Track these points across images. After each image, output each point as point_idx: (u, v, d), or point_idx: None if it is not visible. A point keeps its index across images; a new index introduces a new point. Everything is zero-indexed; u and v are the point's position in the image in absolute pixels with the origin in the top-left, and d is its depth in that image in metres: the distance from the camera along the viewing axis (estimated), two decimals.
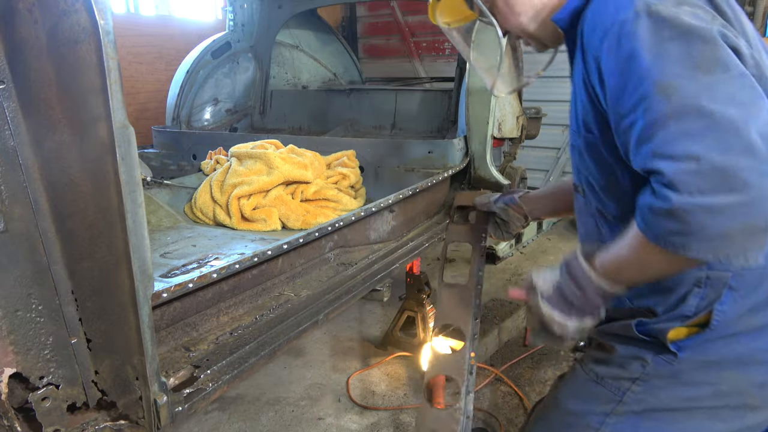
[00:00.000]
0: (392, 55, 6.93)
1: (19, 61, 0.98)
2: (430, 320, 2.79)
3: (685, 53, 0.95)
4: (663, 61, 0.95)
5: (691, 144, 0.91)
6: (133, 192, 0.99)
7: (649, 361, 1.18)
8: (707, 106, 0.92)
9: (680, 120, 0.93)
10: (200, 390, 1.27)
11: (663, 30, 0.96)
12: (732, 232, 0.91)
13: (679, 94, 0.94)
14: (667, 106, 0.94)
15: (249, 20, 4.03)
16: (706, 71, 0.94)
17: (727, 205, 0.90)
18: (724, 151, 0.90)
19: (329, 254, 2.02)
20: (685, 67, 0.94)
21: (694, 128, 0.92)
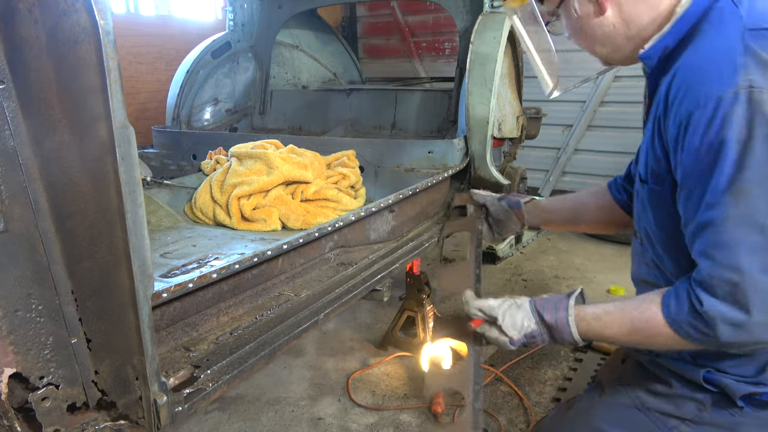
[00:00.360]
0: (392, 55, 6.93)
1: (19, 61, 0.98)
2: (430, 320, 2.79)
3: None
4: (747, 161, 0.92)
5: (739, 256, 0.92)
6: (133, 192, 0.99)
7: (707, 407, 1.13)
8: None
9: (738, 229, 0.93)
10: (200, 390, 1.27)
11: (758, 126, 0.91)
12: (748, 344, 0.97)
13: (748, 203, 0.92)
14: (732, 210, 0.93)
15: (249, 20, 4.03)
16: None
17: (753, 324, 0.93)
18: (765, 272, 0.91)
19: (329, 254, 2.02)
20: (764, 176, 0.92)
21: (748, 242, 0.92)
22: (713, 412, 1.13)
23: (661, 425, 1.17)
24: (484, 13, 3.05)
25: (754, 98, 0.91)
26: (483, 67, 2.89)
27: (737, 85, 0.92)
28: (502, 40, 2.91)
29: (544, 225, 1.76)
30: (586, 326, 1.15)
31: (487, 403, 2.40)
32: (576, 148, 5.81)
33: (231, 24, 3.98)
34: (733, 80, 0.93)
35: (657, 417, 1.19)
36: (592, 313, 1.16)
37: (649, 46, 1.13)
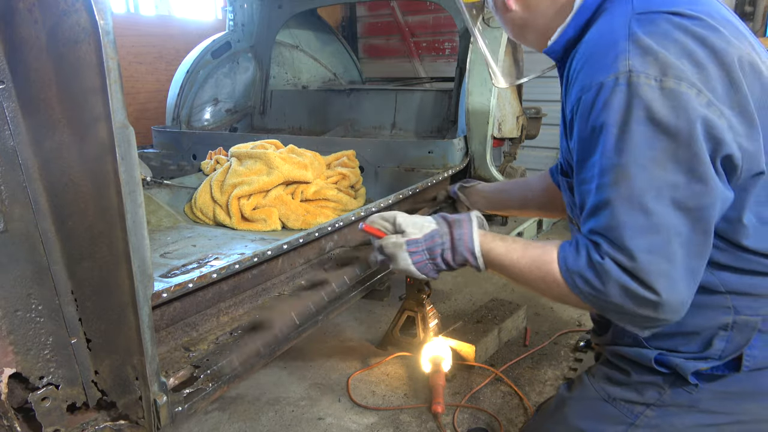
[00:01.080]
0: (392, 55, 6.93)
1: (19, 61, 0.98)
2: (430, 320, 2.79)
3: (648, 142, 0.94)
4: (625, 144, 0.95)
5: (627, 239, 0.96)
6: (133, 192, 0.99)
7: (666, 389, 1.16)
8: (650, 205, 0.95)
9: (623, 211, 0.97)
10: (200, 390, 1.27)
11: (635, 108, 0.94)
12: (635, 313, 1.00)
13: (629, 183, 0.95)
14: (616, 192, 0.97)
15: (249, 20, 4.03)
16: (662, 169, 0.94)
17: (639, 296, 0.97)
18: (651, 252, 0.95)
19: (329, 254, 2.02)
20: (643, 157, 0.95)
21: (634, 224, 0.96)
22: (672, 393, 1.15)
23: (628, 413, 1.20)
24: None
25: (632, 82, 0.93)
26: (483, 68, 2.89)
27: (618, 70, 0.95)
28: (502, 40, 2.91)
29: (492, 209, 1.83)
30: (489, 242, 1.20)
31: (487, 403, 2.40)
32: None
33: (231, 24, 3.98)
34: (615, 65, 0.96)
35: (623, 406, 1.21)
36: (498, 235, 1.22)
37: (552, 41, 1.18)
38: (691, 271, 0.98)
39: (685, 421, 1.15)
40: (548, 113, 3.99)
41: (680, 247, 0.96)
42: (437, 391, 2.37)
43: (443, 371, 2.48)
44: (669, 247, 0.96)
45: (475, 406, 2.36)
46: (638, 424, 1.19)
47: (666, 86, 0.93)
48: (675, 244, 0.96)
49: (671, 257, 0.96)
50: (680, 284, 0.97)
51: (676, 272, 0.96)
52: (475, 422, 2.27)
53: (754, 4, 4.44)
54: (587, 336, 2.84)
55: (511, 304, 3.09)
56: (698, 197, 0.95)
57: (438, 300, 3.47)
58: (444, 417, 2.29)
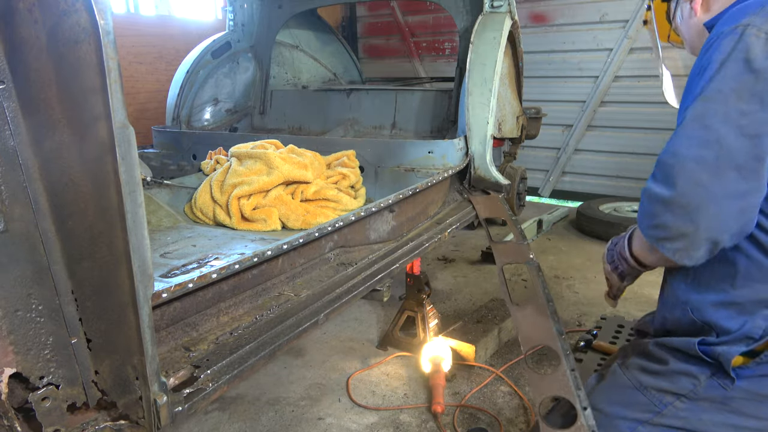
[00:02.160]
0: (392, 55, 6.93)
1: (19, 61, 0.98)
2: (430, 320, 2.79)
3: (736, 76, 1.08)
4: (718, 75, 1.09)
5: (681, 144, 1.11)
6: (133, 192, 0.99)
7: (702, 381, 1.18)
8: (715, 126, 1.08)
9: (691, 124, 1.10)
10: (200, 390, 1.27)
11: (737, 50, 1.08)
12: (659, 224, 1.13)
13: (706, 106, 1.09)
14: (693, 111, 1.11)
15: (249, 20, 4.03)
16: (738, 98, 1.07)
17: (675, 198, 1.08)
18: (697, 162, 1.07)
19: (329, 254, 2.02)
20: (727, 87, 1.08)
21: (693, 135, 1.09)
22: (707, 386, 1.17)
23: (657, 402, 1.22)
24: (484, 13, 3.05)
25: (745, 32, 1.09)
26: (483, 67, 2.89)
27: (739, 22, 1.10)
28: (502, 40, 2.91)
29: None
30: (636, 240, 1.37)
31: (487, 403, 2.40)
32: (576, 148, 5.81)
33: (231, 24, 3.98)
34: (739, 19, 1.11)
35: (653, 395, 1.23)
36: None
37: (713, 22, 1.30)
38: (738, 191, 1.07)
39: (715, 419, 1.16)
40: (548, 113, 4.00)
41: (730, 166, 1.06)
42: (437, 391, 2.37)
43: (443, 371, 2.48)
44: (717, 161, 1.06)
45: (475, 406, 2.37)
46: (665, 413, 1.20)
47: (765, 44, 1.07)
48: (724, 161, 1.06)
49: (717, 171, 1.06)
50: (721, 198, 1.06)
51: (718, 186, 1.06)
52: (475, 422, 2.28)
53: None
54: (587, 336, 2.84)
55: None
56: (763, 124, 1.06)
57: (438, 300, 3.47)
58: (444, 417, 2.29)
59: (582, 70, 5.60)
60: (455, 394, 2.47)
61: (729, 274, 1.16)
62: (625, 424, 1.24)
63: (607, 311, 3.23)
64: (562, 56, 5.68)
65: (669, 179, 1.09)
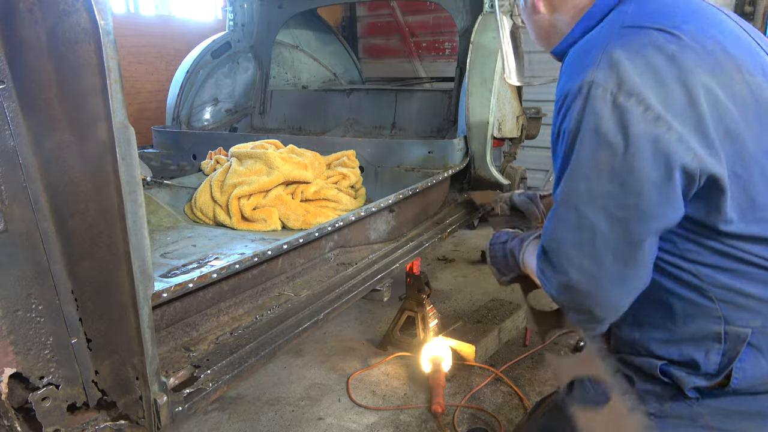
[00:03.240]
0: (392, 55, 6.93)
1: (19, 61, 0.98)
2: (430, 320, 2.79)
3: (591, 152, 1.01)
4: (574, 152, 1.03)
5: (558, 230, 1.08)
6: (133, 192, 0.99)
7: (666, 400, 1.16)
8: (582, 209, 1.04)
9: (561, 208, 1.07)
10: (200, 390, 1.27)
11: (586, 119, 1.00)
12: (559, 302, 1.14)
13: (570, 186, 1.05)
14: (561, 194, 1.08)
15: (249, 20, 4.03)
16: (598, 178, 1.01)
17: (562, 282, 1.09)
18: (576, 247, 1.05)
19: (329, 254, 2.02)
20: (585, 166, 1.02)
21: (566, 219, 1.06)
22: (672, 404, 1.15)
23: None
24: (484, 13, 3.05)
25: (591, 93, 0.98)
26: (483, 67, 2.89)
27: (584, 79, 1.00)
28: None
29: None
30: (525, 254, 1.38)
31: (487, 403, 2.40)
32: None
33: (231, 24, 3.98)
34: (583, 74, 1.01)
35: None
36: (531, 246, 1.39)
37: (558, 43, 1.23)
38: (619, 276, 1.04)
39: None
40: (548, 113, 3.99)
41: (606, 251, 1.03)
42: (437, 391, 2.37)
43: (443, 371, 2.48)
44: (593, 246, 1.03)
45: (475, 406, 2.37)
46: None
47: (617, 101, 0.97)
48: (600, 246, 1.03)
49: (595, 257, 1.04)
50: (605, 283, 1.05)
51: (600, 272, 1.04)
52: (475, 422, 2.28)
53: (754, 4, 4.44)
54: None
55: (511, 304, 3.09)
56: (628, 209, 1.00)
57: (438, 300, 3.47)
58: (444, 417, 2.29)
59: None
60: (455, 394, 2.47)
61: (667, 314, 1.12)
62: None
63: None
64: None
65: (559, 266, 1.08)
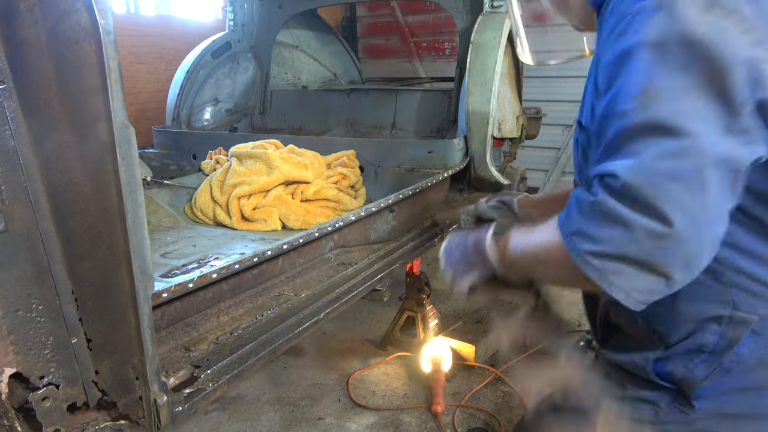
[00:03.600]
0: (392, 55, 6.93)
1: (19, 61, 0.98)
2: (430, 320, 2.79)
3: (685, 67, 0.84)
4: (658, 68, 0.85)
5: (650, 161, 0.84)
6: (134, 192, 0.99)
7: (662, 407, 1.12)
8: (688, 127, 0.83)
9: (650, 136, 0.85)
10: (200, 390, 1.27)
11: (674, 32, 0.84)
12: (628, 258, 0.87)
13: (659, 107, 0.85)
14: (642, 116, 0.86)
15: (249, 20, 4.03)
16: (698, 95, 0.84)
17: (639, 227, 0.84)
18: (678, 180, 0.83)
19: (329, 254, 2.02)
20: (678, 82, 0.85)
21: (658, 146, 0.84)
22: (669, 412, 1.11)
23: None
24: (484, 13, 3.05)
25: (677, 7, 0.85)
26: (483, 67, 2.89)
27: None
28: (502, 40, 2.91)
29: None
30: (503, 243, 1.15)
31: (487, 403, 2.40)
32: None
33: (231, 24, 3.98)
34: None
35: None
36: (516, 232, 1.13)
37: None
38: (718, 217, 0.86)
39: None
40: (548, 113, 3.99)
41: (711, 181, 0.83)
42: (437, 391, 2.37)
43: (443, 371, 2.49)
44: (700, 175, 0.83)
45: (475, 406, 2.37)
46: None
47: (715, 7, 0.84)
48: (707, 172, 0.83)
49: (698, 190, 0.83)
50: (705, 228, 0.84)
51: (703, 212, 0.84)
52: (475, 422, 2.28)
53: None
54: (587, 336, 2.84)
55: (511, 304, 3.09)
56: (731, 131, 0.84)
57: (438, 300, 3.47)
58: (444, 417, 2.29)
59: (582, 70, 5.59)
60: (455, 394, 2.47)
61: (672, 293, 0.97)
62: None
63: None
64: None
65: (652, 206, 0.83)
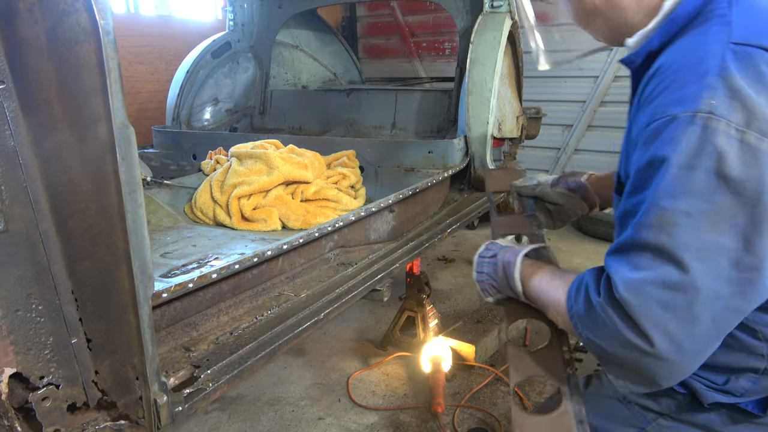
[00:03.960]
0: (392, 55, 6.93)
1: (19, 61, 0.98)
2: (430, 320, 2.79)
3: (708, 194, 0.83)
4: (682, 189, 0.85)
5: (646, 286, 0.87)
6: (133, 192, 0.99)
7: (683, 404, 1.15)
8: (688, 264, 0.84)
9: (655, 258, 0.87)
10: (200, 390, 1.27)
11: (705, 154, 0.83)
12: (618, 357, 0.93)
13: (671, 233, 0.86)
14: (654, 237, 0.87)
15: (249, 20, 4.03)
16: (713, 229, 0.84)
17: (626, 340, 0.89)
18: (665, 308, 0.86)
19: (329, 254, 2.02)
20: (698, 209, 0.84)
21: (657, 271, 0.87)
22: (688, 409, 1.15)
23: (641, 418, 1.20)
24: (484, 13, 3.05)
25: (710, 126, 0.83)
26: (483, 67, 2.89)
27: (697, 108, 0.84)
28: (502, 40, 2.91)
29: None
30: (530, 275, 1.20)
31: (487, 403, 2.40)
32: (576, 148, 5.82)
33: (231, 24, 3.98)
34: (696, 102, 0.85)
35: (637, 410, 1.21)
36: (543, 270, 1.19)
37: (632, 50, 1.07)
38: (707, 346, 0.90)
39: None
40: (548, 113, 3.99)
41: (705, 316, 0.86)
42: (437, 391, 2.37)
43: (443, 371, 2.49)
44: (690, 310, 0.86)
45: (475, 406, 2.37)
46: (649, 429, 1.19)
47: (746, 140, 0.82)
48: (699, 311, 0.86)
49: (689, 323, 0.86)
50: (689, 354, 0.89)
51: (689, 341, 0.88)
52: (475, 422, 2.28)
53: None
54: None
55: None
56: (746, 270, 0.85)
57: (438, 300, 3.47)
58: (444, 417, 2.29)
59: (582, 70, 5.60)
60: (455, 394, 2.47)
61: None
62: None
63: None
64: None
65: (636, 325, 0.88)
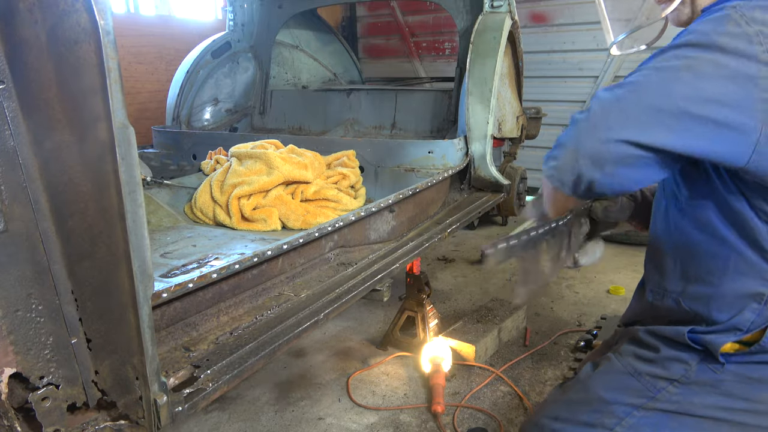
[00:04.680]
0: (392, 55, 6.93)
1: (19, 61, 0.98)
2: (430, 320, 2.79)
3: (693, 52, 1.01)
4: (686, 57, 1.02)
5: (597, 101, 1.15)
6: (133, 192, 0.99)
7: (693, 366, 1.21)
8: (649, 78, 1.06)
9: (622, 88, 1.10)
10: (200, 390, 1.27)
11: (721, 34, 1.00)
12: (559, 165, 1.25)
13: (648, 75, 1.05)
14: (628, 78, 1.11)
15: (249, 20, 4.03)
16: (689, 75, 1.01)
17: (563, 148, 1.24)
18: (609, 99, 1.10)
19: (329, 254, 2.02)
20: (675, 59, 1.03)
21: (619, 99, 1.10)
22: (698, 370, 1.20)
23: (651, 387, 1.25)
24: (484, 13, 3.05)
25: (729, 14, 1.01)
26: (483, 67, 2.89)
27: (695, 35, 1.04)
28: (502, 40, 2.91)
29: None
30: None
31: (487, 403, 2.40)
32: None
33: (231, 24, 3.98)
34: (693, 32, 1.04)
35: (647, 380, 1.26)
36: None
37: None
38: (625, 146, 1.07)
39: (705, 401, 1.19)
40: (548, 113, 3.99)
41: (640, 112, 1.04)
42: (437, 391, 2.37)
43: (443, 371, 2.48)
44: (625, 103, 1.07)
45: (475, 406, 2.36)
46: (659, 398, 1.24)
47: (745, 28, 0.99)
48: (632, 105, 1.05)
49: (614, 101, 1.10)
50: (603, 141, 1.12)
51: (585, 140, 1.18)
52: (475, 422, 2.27)
53: None
54: (587, 336, 2.84)
55: (511, 304, 3.09)
56: (683, 87, 1.01)
57: (438, 300, 3.47)
58: (444, 417, 2.29)
59: (582, 70, 5.60)
60: (455, 394, 2.47)
61: (717, 268, 1.17)
62: (620, 408, 1.27)
63: (607, 310, 3.23)
64: (562, 56, 5.68)
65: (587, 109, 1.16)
